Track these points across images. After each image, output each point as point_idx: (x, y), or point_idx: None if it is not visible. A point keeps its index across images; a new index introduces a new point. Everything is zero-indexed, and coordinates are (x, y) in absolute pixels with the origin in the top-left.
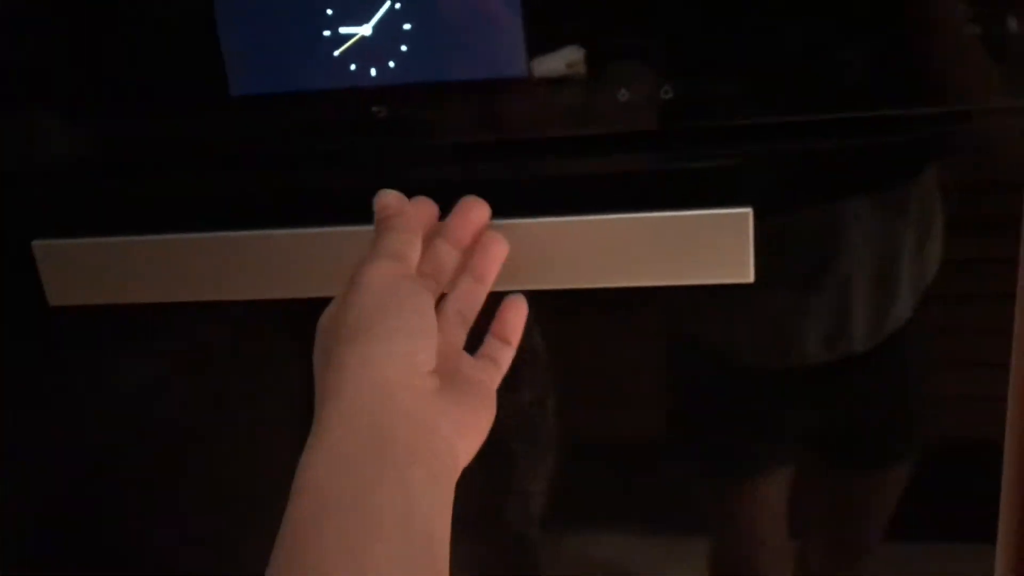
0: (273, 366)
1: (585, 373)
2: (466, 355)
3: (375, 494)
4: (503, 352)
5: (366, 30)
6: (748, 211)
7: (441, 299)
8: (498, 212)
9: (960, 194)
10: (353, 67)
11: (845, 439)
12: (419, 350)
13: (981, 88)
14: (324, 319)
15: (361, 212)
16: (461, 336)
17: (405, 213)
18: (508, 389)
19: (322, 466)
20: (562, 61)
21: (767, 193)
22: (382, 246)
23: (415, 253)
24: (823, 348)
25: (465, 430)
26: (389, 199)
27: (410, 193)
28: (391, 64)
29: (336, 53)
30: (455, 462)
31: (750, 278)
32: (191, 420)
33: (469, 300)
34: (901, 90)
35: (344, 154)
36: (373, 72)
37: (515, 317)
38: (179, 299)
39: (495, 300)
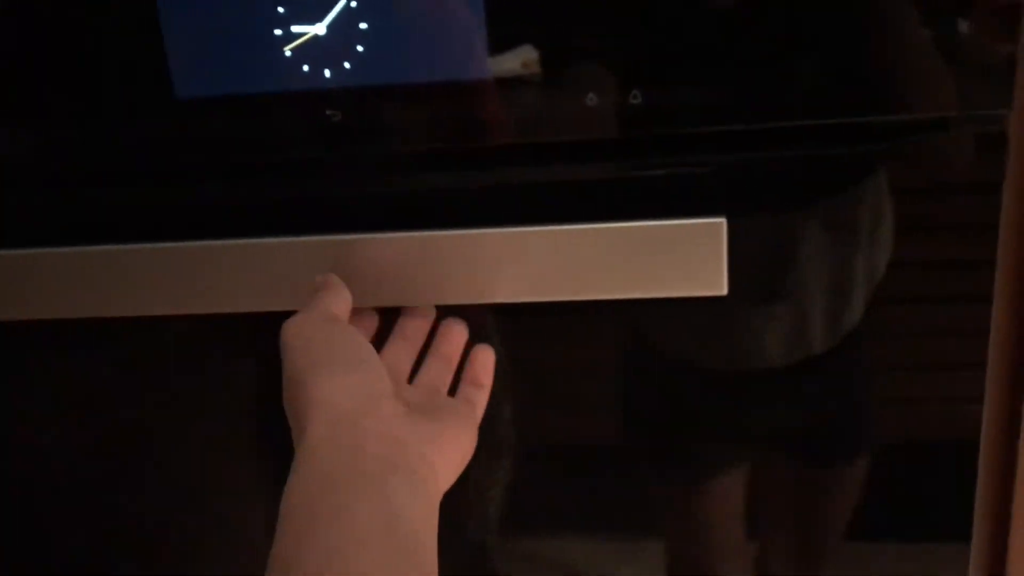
0: (223, 379)
1: (541, 377)
2: (444, 394)
3: (356, 505)
4: (478, 395)
5: (320, 29)
6: (722, 221)
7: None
8: (460, 222)
9: (940, 196)
10: (306, 68)
11: (804, 439)
12: (367, 379)
13: (951, 96)
14: (284, 392)
15: (313, 221)
16: (444, 375)
17: (326, 281)
18: None
19: (302, 490)
20: (517, 60)
21: (735, 202)
22: (305, 306)
23: (340, 305)
24: (783, 353)
25: (442, 447)
26: (316, 280)
27: (368, 200)
28: (346, 65)
29: (287, 52)
30: (433, 474)
31: (723, 290)
32: (130, 434)
33: (441, 371)
34: (872, 97)
35: (296, 160)
36: (327, 73)
37: (485, 361)
38: (122, 314)
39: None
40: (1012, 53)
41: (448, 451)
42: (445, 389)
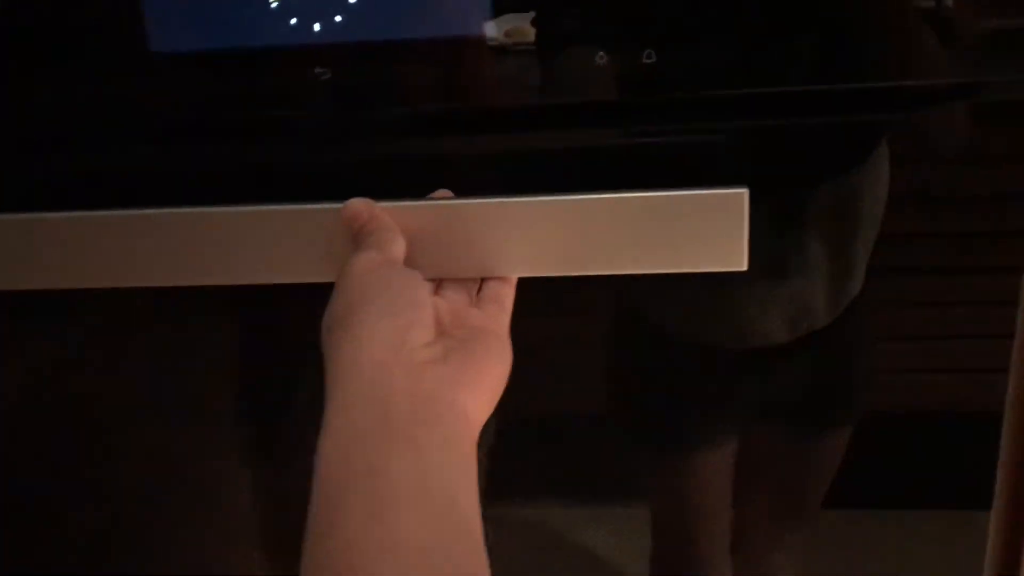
0: (201, 351)
1: (532, 344)
2: (473, 310)
3: (390, 464)
4: (503, 289)
5: None
6: (744, 191)
7: None
8: (459, 191)
9: (968, 165)
10: (294, 21)
11: (808, 410)
12: (409, 326)
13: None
14: (323, 320)
15: (299, 188)
16: (465, 298)
17: (376, 217)
18: None
19: (335, 449)
20: (500, 28)
21: (748, 172)
22: (363, 244)
23: (399, 247)
24: (786, 329)
25: (474, 388)
26: (357, 207)
27: (360, 165)
28: (337, 19)
29: (273, 4)
30: (467, 424)
31: (743, 266)
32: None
33: (460, 292)
34: (893, 62)
35: (282, 122)
36: (316, 28)
37: None
38: (94, 285)
39: None
40: None
41: (481, 388)
42: (470, 307)
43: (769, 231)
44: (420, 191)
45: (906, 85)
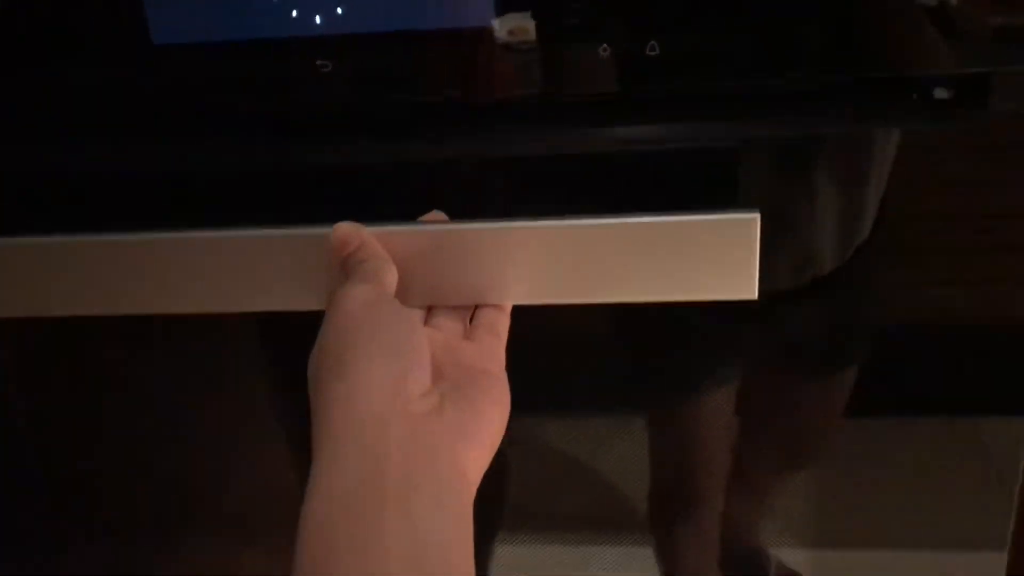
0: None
1: None
2: (466, 344)
3: (379, 532)
4: (499, 318)
5: None
6: (755, 216)
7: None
8: (461, 188)
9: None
10: (295, 13)
11: (807, 353)
12: (406, 371)
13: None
14: (311, 357)
15: (299, 181)
16: (458, 327)
17: (367, 244)
18: None
19: (322, 512)
20: (504, 27)
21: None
22: (354, 275)
23: (391, 277)
24: (791, 276)
25: (472, 441)
26: (347, 232)
27: (362, 163)
28: (339, 10)
29: None
30: (464, 481)
31: (754, 294)
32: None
33: (455, 322)
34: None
35: (283, 116)
36: (318, 19)
37: None
38: (81, 312)
39: None
40: None
41: (479, 441)
42: (464, 339)
43: (779, 178)
44: (421, 190)
45: (909, 77)
